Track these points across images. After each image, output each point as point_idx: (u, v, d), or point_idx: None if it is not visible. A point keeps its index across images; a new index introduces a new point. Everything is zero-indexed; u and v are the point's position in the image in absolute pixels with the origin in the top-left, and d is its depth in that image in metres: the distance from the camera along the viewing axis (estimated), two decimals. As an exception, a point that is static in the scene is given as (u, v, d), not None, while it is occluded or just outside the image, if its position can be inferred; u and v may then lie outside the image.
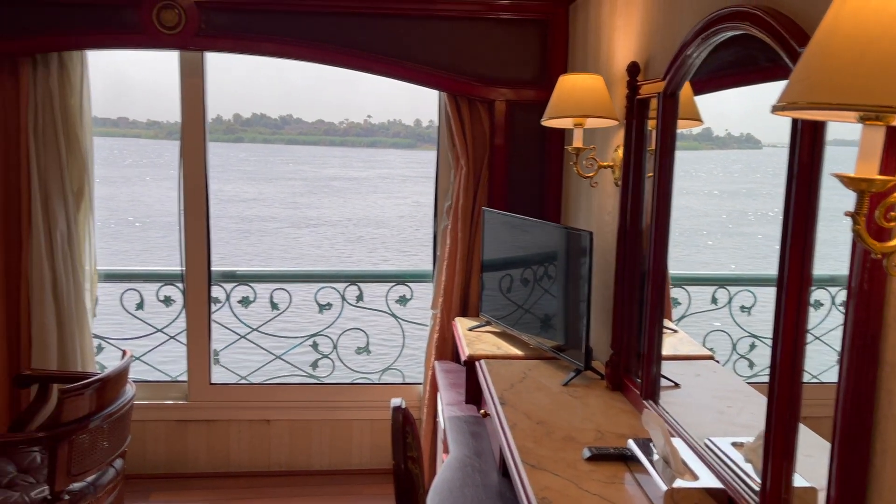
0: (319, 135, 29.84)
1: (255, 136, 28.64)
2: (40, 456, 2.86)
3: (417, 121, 27.98)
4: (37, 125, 3.28)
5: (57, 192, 3.34)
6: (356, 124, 29.18)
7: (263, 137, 28.27)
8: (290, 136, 29.64)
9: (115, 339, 3.86)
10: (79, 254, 3.46)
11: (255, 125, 28.91)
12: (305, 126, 29.18)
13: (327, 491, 3.61)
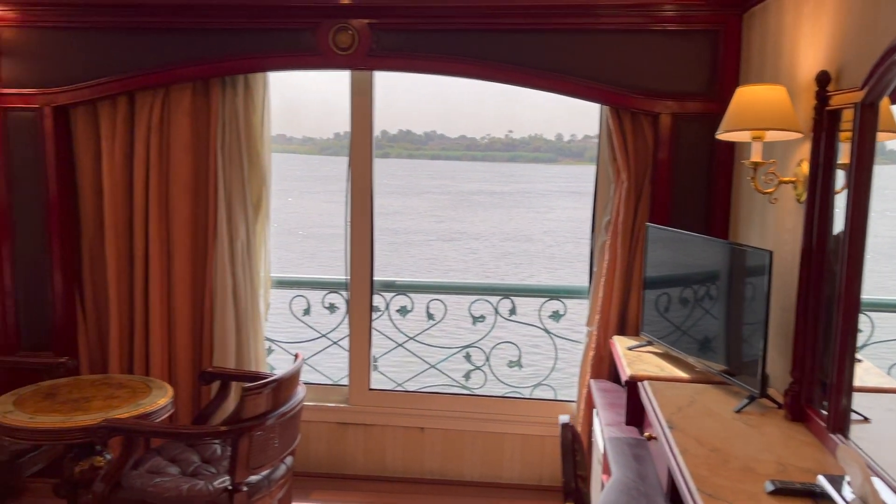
0: (461, 150, 30.36)
1: (400, 151, 29.65)
2: (220, 448, 3.08)
3: (559, 135, 27.80)
4: (223, 142, 3.57)
5: (239, 204, 3.61)
6: (497, 139, 29.44)
7: (408, 153, 29.19)
8: (433, 151, 30.41)
9: (283, 342, 4.11)
10: (256, 261, 3.72)
11: (400, 141, 29.95)
12: (448, 142, 29.81)
13: (479, 503, 3.63)
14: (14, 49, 3.53)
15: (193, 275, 3.65)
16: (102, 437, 2.67)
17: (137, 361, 3.67)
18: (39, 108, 3.54)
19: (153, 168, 3.55)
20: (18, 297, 3.68)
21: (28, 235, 3.65)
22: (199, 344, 3.70)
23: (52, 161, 3.56)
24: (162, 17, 3.44)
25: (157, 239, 3.59)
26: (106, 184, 3.59)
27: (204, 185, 3.61)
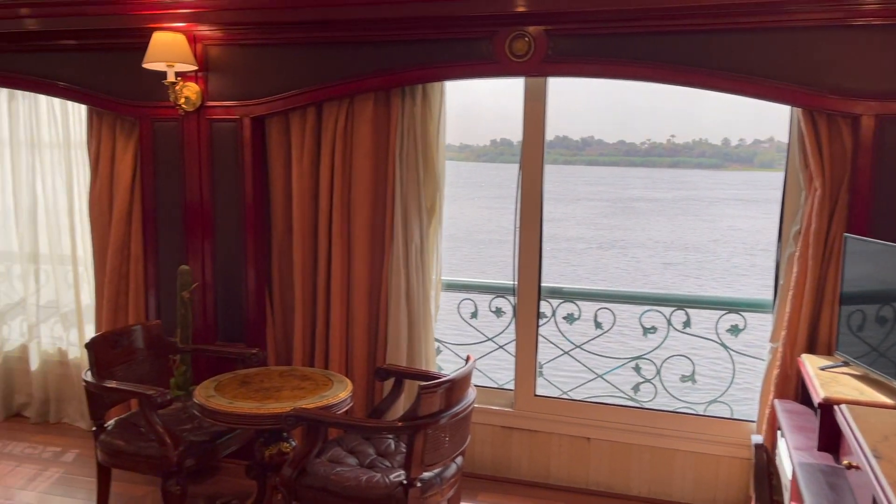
0: (620, 155, 29.60)
1: (556, 157, 29.45)
2: (394, 443, 3.21)
3: (725, 140, 26.39)
4: (402, 149, 3.72)
5: (414, 209, 3.74)
6: (658, 144, 28.44)
7: (564, 159, 28.92)
8: (590, 157, 29.89)
9: (451, 344, 4.20)
10: (428, 264, 3.84)
11: (556, 147, 29.74)
12: (606, 147, 29.18)
13: (646, 519, 3.52)
14: (218, 65, 3.88)
15: (371, 276, 3.83)
16: (292, 424, 2.86)
17: (318, 356, 3.90)
18: (239, 119, 3.86)
19: (337, 174, 3.77)
20: (217, 292, 4.03)
21: (226, 235, 3.99)
22: (373, 341, 3.88)
23: (249, 167, 3.87)
24: (348, 32, 3.64)
25: (339, 240, 3.80)
26: (295, 189, 3.85)
27: (382, 190, 3.78)
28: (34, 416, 4.64)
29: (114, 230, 4.12)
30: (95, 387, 3.22)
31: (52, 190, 4.50)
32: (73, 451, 4.23)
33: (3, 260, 4.70)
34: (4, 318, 4.70)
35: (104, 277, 4.20)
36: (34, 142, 4.48)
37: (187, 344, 3.83)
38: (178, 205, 4.04)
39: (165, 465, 3.05)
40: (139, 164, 4.07)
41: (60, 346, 4.65)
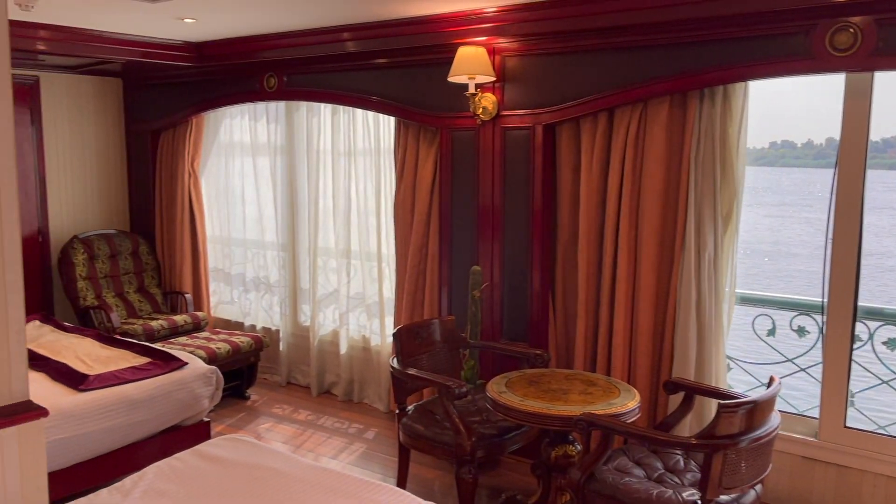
0: (936, 157, 25.39)
1: (850, 158, 26.06)
2: (683, 460, 3.08)
3: None
4: (697, 153, 3.56)
5: (708, 216, 3.57)
6: None
7: (862, 160, 25.47)
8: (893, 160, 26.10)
9: (742, 362, 3.94)
10: (721, 275, 3.63)
11: (851, 147, 26.31)
12: (919, 148, 25.23)
13: None
14: (514, 76, 4.05)
15: (658, 284, 3.72)
16: (583, 428, 2.88)
17: (600, 362, 3.89)
18: (531, 127, 3.99)
19: (627, 179, 3.72)
20: (504, 292, 4.21)
21: (514, 237, 4.15)
22: (658, 352, 3.77)
23: (539, 173, 3.99)
24: (644, 36, 3.57)
25: (625, 247, 3.75)
26: (582, 194, 3.88)
27: (674, 196, 3.66)
28: (341, 394, 5.23)
29: (415, 231, 4.50)
30: (400, 373, 3.53)
31: (363, 193, 5.04)
32: (373, 429, 4.70)
33: (322, 254, 5.36)
34: (320, 306, 5.36)
35: (405, 274, 4.61)
36: (350, 151, 5.06)
37: (476, 340, 4.05)
38: (471, 208, 4.29)
39: (460, 452, 3.25)
40: (438, 171, 4.40)
41: (364, 334, 5.20)
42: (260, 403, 5.16)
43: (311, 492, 2.38)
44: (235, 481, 2.47)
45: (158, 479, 2.52)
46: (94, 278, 5.53)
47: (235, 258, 5.99)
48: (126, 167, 6.19)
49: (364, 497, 2.35)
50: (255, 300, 5.86)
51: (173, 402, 3.75)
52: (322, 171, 5.25)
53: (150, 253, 5.96)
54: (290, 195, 5.47)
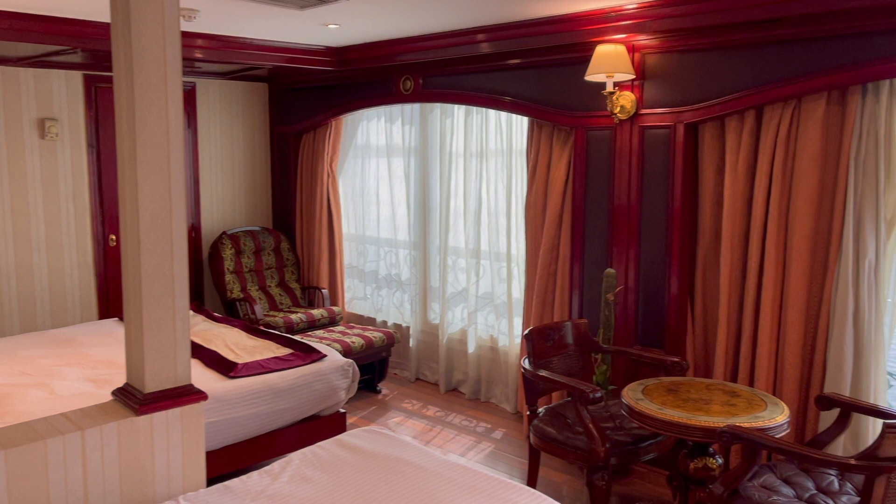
0: None
1: None
2: (838, 481, 2.87)
3: None
4: (857, 153, 3.31)
5: (870, 221, 3.31)
6: None
7: None
8: None
9: (905, 379, 3.62)
10: (883, 284, 3.35)
11: None
12: None
13: None
14: (654, 73, 3.92)
15: (809, 291, 3.49)
16: (726, 441, 2.75)
17: (742, 372, 3.70)
18: (672, 126, 3.85)
19: (776, 181, 3.52)
20: (639, 297, 4.09)
21: (651, 241, 4.02)
22: (808, 364, 3.53)
23: (679, 174, 3.84)
24: (799, 28, 3.36)
25: (773, 252, 3.55)
26: (726, 195, 3.71)
27: (830, 198, 3.42)
28: (468, 392, 5.28)
29: (546, 232, 4.46)
30: (532, 374, 3.52)
31: (494, 194, 5.06)
32: (500, 429, 4.71)
33: (452, 254, 5.43)
34: (449, 304, 5.43)
35: (535, 275, 4.58)
36: (482, 152, 5.09)
37: (609, 344, 3.96)
38: (606, 210, 4.20)
39: (593, 458, 3.19)
40: (572, 171, 4.34)
41: (492, 334, 5.22)
42: (390, 398, 5.29)
43: (448, 487, 2.41)
44: (375, 472, 2.55)
45: (304, 465, 2.64)
46: (240, 272, 5.88)
47: (369, 256, 6.18)
48: (270, 168, 6.55)
49: (500, 496, 2.35)
50: (386, 297, 6.02)
51: (313, 393, 3.92)
52: (454, 172, 5.32)
53: (290, 249, 6.26)
54: (423, 195, 5.58)
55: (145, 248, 2.40)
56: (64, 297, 5.36)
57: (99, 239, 5.50)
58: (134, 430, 2.42)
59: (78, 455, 2.30)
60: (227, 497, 2.41)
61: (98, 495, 2.34)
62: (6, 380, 3.63)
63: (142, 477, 2.44)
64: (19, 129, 5.08)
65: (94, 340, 4.38)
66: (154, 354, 2.45)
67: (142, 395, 2.45)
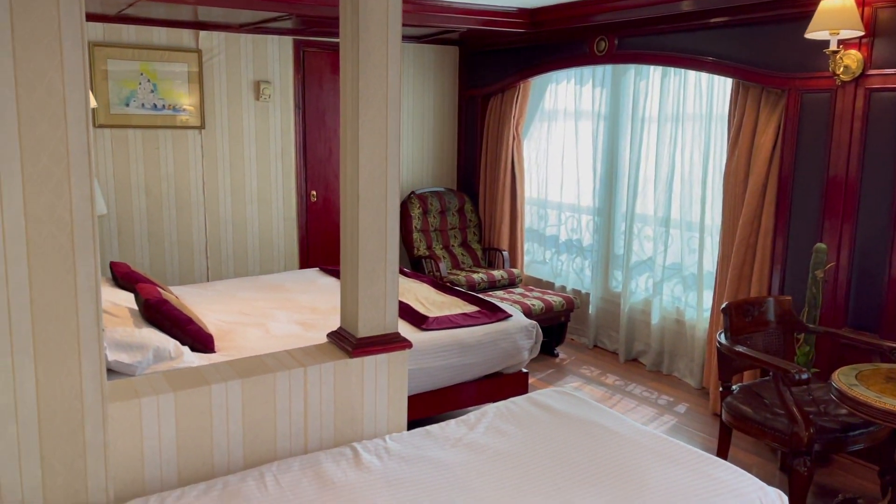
0: None
1: None
2: None
3: None
4: None
5: None
6: None
7: None
8: None
9: None
10: None
11: None
12: None
13: None
14: (889, 29, 3.53)
15: None
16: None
17: (976, 365, 3.31)
18: (906, 88, 3.46)
19: None
20: (853, 275, 3.77)
21: (871, 214, 3.67)
22: None
23: (912, 142, 3.46)
24: None
25: None
26: (970, 167, 3.29)
27: None
28: (649, 363, 5.16)
29: (747, 202, 4.21)
30: (729, 350, 3.36)
31: (689, 161, 4.84)
32: (683, 403, 4.57)
33: (638, 221, 5.29)
34: (633, 273, 5.31)
35: (731, 247, 4.35)
36: (679, 116, 4.87)
37: (815, 325, 3.69)
38: (818, 181, 3.88)
39: (795, 442, 3.01)
40: (781, 137, 4.04)
41: (678, 306, 5.04)
42: (568, 362, 5.30)
43: (645, 456, 2.39)
44: (568, 432, 2.58)
45: (498, 418, 2.72)
46: (426, 231, 6.11)
47: (550, 220, 6.17)
48: (458, 130, 6.69)
49: (702, 470, 2.29)
50: (566, 262, 6.00)
51: (498, 350, 4.01)
52: (646, 137, 5.14)
53: (473, 211, 6.40)
54: (610, 160, 5.45)
55: (363, 204, 2.55)
56: (272, 246, 5.86)
57: (302, 194, 5.93)
58: (347, 370, 2.61)
59: (300, 389, 2.53)
60: (429, 441, 2.55)
61: (315, 427, 2.57)
62: (229, 318, 4.05)
63: (352, 415, 2.64)
64: (238, 91, 5.55)
65: (299, 287, 4.76)
66: (367, 303, 2.62)
67: (355, 340, 2.63)
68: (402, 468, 2.35)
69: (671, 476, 2.25)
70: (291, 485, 2.23)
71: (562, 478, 2.28)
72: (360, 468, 2.34)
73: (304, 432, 2.55)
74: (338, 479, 2.26)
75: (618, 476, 2.27)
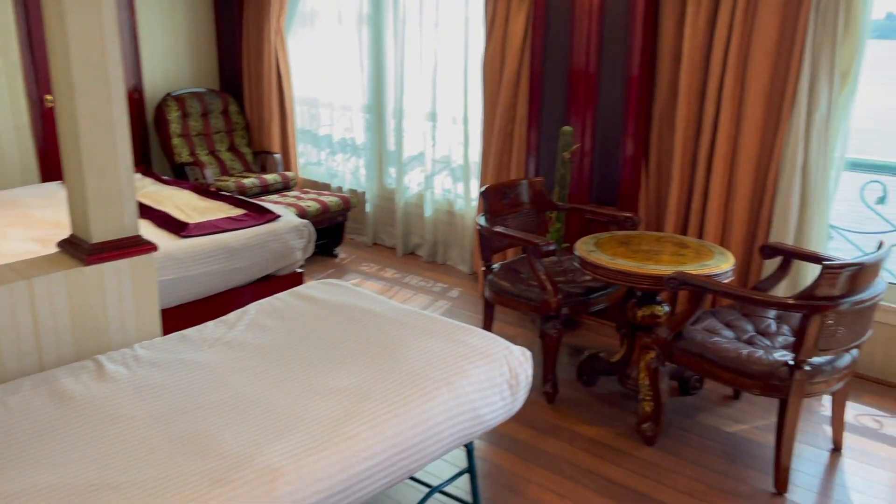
0: None
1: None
2: (775, 324, 3.02)
3: None
4: (819, 1, 3.24)
5: (825, 72, 3.30)
6: None
7: None
8: None
9: (845, 230, 3.75)
10: (832, 138, 3.39)
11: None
12: None
13: None
14: (618, -83, 3.73)
15: (761, 145, 3.53)
16: (674, 287, 2.84)
17: (692, 225, 3.78)
18: (634, -25, 3.71)
19: (735, 32, 3.46)
20: (596, 155, 4.09)
21: (609, 99, 3.97)
22: (755, 217, 3.63)
23: (640, 29, 3.74)
24: None
25: (729, 106, 3.54)
26: (685, 48, 3.64)
27: (788, 49, 3.38)
28: (425, 255, 5.33)
29: (503, 91, 4.36)
30: (487, 230, 3.54)
31: (449, 54, 4.88)
32: (456, 289, 4.80)
33: (408, 117, 5.31)
34: (406, 169, 5.37)
35: (492, 136, 4.52)
36: (437, 6, 4.86)
37: (564, 202, 3.99)
38: (564, 68, 4.10)
39: (545, 308, 3.28)
40: (531, 26, 4.19)
41: (449, 198, 5.21)
42: (348, 261, 5.32)
43: (406, 331, 2.46)
44: (332, 319, 2.58)
45: (260, 314, 2.65)
46: (187, 136, 5.69)
47: (322, 120, 6.01)
48: (214, 24, 6.18)
49: (455, 338, 2.41)
50: (341, 162, 5.92)
51: (268, 252, 3.90)
52: (408, 33, 5.09)
53: (239, 112, 6.05)
54: (376, 57, 5.36)
55: (80, 92, 2.26)
56: (2, 159, 5.13)
57: (34, 99, 5.21)
58: (83, 280, 2.38)
59: (26, 304, 2.26)
60: (184, 345, 2.43)
61: (50, 343, 2.33)
62: (-54, 241, 3.52)
63: (95, 325, 2.43)
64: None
65: (38, 202, 4.24)
66: (98, 203, 2.37)
67: (88, 246, 2.39)
68: (152, 374, 2.22)
69: (427, 346, 2.34)
70: (21, 405, 2.02)
71: (322, 361, 2.28)
72: (103, 379, 2.17)
73: (37, 350, 2.30)
74: (78, 394, 2.08)
75: (378, 351, 2.32)
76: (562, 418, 3.22)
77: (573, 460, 2.90)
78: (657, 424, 3.01)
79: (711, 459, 2.91)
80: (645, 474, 2.82)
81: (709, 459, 2.91)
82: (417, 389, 2.11)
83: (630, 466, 2.87)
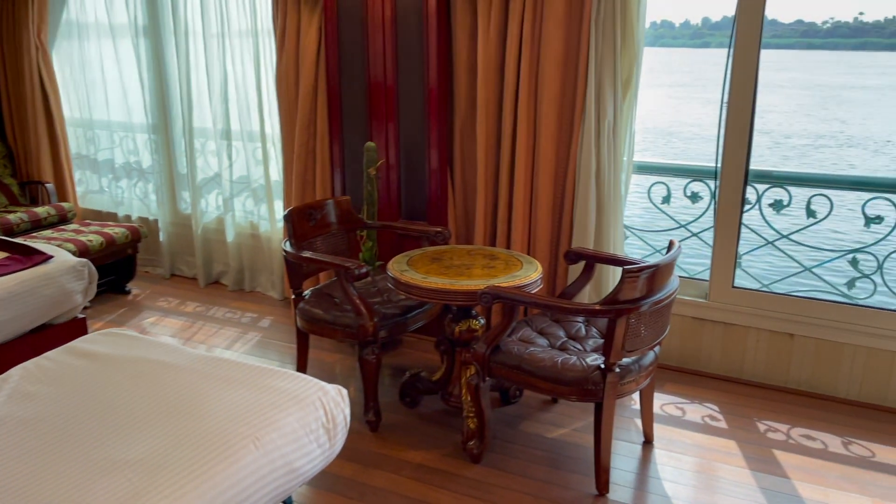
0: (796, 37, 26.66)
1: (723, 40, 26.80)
2: (584, 327, 3.10)
3: (931, 15, 22.88)
4: (598, 14, 3.39)
5: (608, 82, 3.46)
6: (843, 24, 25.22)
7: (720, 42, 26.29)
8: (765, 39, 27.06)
9: (638, 230, 3.98)
10: (620, 143, 3.57)
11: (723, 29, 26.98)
12: (780, 28, 26.26)
13: (854, 423, 3.24)
14: (404, -71, 3.67)
15: (557, 154, 3.64)
16: (487, 301, 2.81)
17: (500, 236, 3.83)
18: (424, -12, 3.68)
19: (525, 44, 3.53)
20: (401, 170, 4.01)
21: (410, 113, 3.91)
22: (558, 223, 3.73)
23: (434, 40, 3.71)
24: None
25: (524, 117, 3.61)
26: (480, 62, 3.67)
27: (574, 61, 3.51)
28: (231, 283, 4.98)
29: (301, 107, 4.16)
30: (294, 256, 3.32)
31: (241, 69, 4.59)
32: (267, 317, 4.52)
33: (199, 136, 4.93)
34: (201, 192, 4.98)
35: (292, 154, 4.30)
36: (223, 19, 4.55)
37: (374, 220, 3.87)
38: (362, 81, 3.98)
39: (363, 334, 3.13)
40: (324, 39, 4.03)
41: (252, 220, 4.90)
42: (143, 298, 4.83)
43: (205, 383, 2.20)
44: (117, 377, 2.25)
45: (25, 380, 2.26)
46: (-68, 169, 4.88)
47: (101, 143, 5.43)
48: (-42, 40, 5.37)
49: (262, 384, 2.19)
50: (127, 188, 5.38)
51: (40, 299, 3.40)
52: (193, 46, 4.73)
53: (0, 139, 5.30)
54: (158, 72, 4.93)
55: None
56: None
57: None
58: None
59: None
60: (-76, 431, 1.99)
61: None
62: None
63: None
64: None
65: None
66: None
67: None
68: None
69: (230, 398, 2.10)
70: None
71: (105, 430, 1.97)
72: None
73: None
74: None
75: (172, 411, 2.05)
76: (387, 446, 3.09)
77: (401, 491, 2.78)
78: (482, 441, 2.97)
79: (536, 469, 2.92)
80: (474, 495, 2.76)
81: (533, 469, 2.92)
82: (221, 451, 1.87)
83: (458, 489, 2.80)
